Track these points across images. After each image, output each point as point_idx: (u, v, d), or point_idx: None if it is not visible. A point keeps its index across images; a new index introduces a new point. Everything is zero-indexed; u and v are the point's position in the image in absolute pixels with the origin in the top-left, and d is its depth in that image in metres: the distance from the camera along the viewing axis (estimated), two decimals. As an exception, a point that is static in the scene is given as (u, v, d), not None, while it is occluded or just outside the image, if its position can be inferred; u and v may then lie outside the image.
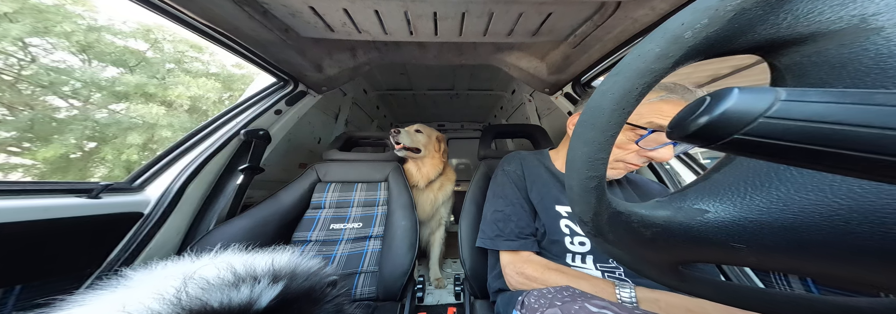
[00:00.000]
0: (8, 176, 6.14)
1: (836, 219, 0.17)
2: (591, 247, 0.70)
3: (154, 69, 7.53)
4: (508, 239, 0.73)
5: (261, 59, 1.09)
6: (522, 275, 0.68)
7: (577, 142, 0.23)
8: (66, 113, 6.54)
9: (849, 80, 0.18)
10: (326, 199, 1.24)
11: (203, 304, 0.37)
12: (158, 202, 0.88)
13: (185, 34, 1.74)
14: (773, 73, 0.23)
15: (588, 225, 0.26)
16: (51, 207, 0.66)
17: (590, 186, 0.23)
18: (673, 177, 1.06)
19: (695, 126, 0.15)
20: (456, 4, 0.86)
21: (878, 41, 0.17)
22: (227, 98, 8.55)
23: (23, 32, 6.17)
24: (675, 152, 0.68)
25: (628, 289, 0.56)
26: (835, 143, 0.13)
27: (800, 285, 0.69)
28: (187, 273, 0.42)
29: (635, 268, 0.29)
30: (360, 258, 1.07)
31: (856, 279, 0.20)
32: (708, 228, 0.21)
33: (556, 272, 0.64)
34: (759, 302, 0.27)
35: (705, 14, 0.19)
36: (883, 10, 0.18)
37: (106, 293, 0.42)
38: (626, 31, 0.92)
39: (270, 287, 0.42)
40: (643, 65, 0.20)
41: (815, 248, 0.18)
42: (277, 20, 0.96)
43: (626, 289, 0.56)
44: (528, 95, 2.16)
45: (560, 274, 0.64)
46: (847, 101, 0.13)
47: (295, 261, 0.52)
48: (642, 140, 0.65)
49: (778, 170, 0.20)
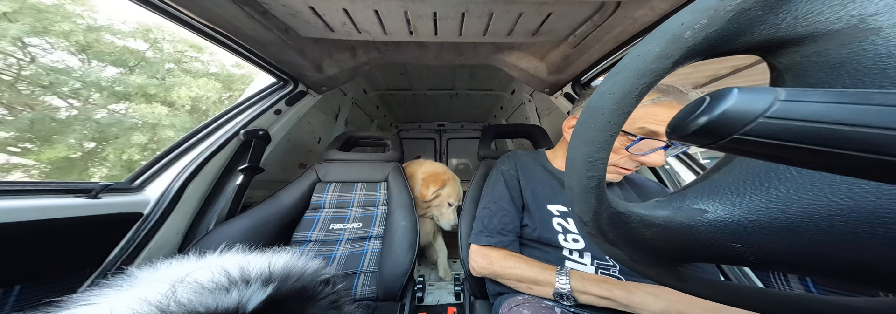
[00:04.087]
0: (7, 176, 6.13)
1: (835, 219, 0.17)
2: (585, 244, 0.72)
3: (154, 69, 7.53)
4: (488, 235, 0.77)
5: (261, 59, 1.09)
6: (486, 258, 0.74)
7: (576, 142, 0.23)
8: (66, 113, 6.53)
9: (848, 80, 0.18)
10: (326, 199, 1.24)
11: (188, 311, 0.37)
12: (158, 202, 0.88)
13: (185, 34, 1.74)
14: (772, 73, 0.23)
15: (588, 225, 0.26)
16: (50, 207, 0.66)
17: (590, 186, 0.23)
18: (672, 177, 1.06)
19: (694, 126, 0.15)
20: (456, 4, 0.86)
21: (876, 41, 0.18)
22: (226, 98, 8.55)
23: (22, 32, 6.16)
24: (667, 156, 0.69)
25: (564, 276, 0.62)
26: (834, 143, 0.13)
27: (799, 285, 0.69)
28: (178, 277, 0.42)
29: (635, 267, 0.29)
30: (360, 258, 1.07)
31: (855, 279, 0.20)
32: (707, 228, 0.21)
33: (515, 258, 0.71)
34: (759, 302, 0.27)
35: (705, 14, 0.19)
36: (882, 10, 0.18)
37: (103, 294, 0.42)
38: (626, 31, 0.92)
39: (260, 290, 0.42)
40: (643, 65, 0.20)
41: (815, 248, 0.18)
42: (277, 20, 0.96)
43: (563, 276, 0.62)
44: (527, 95, 2.16)
45: (517, 259, 0.70)
46: (846, 101, 0.13)
47: (290, 262, 0.52)
48: (632, 146, 0.66)
49: (777, 170, 0.20)
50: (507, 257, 0.72)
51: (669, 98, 0.64)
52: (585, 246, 0.71)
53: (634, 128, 0.65)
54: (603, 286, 0.58)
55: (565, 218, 0.76)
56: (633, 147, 0.66)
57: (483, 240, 0.77)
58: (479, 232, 0.79)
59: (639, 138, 0.64)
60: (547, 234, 0.74)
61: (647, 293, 0.55)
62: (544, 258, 0.73)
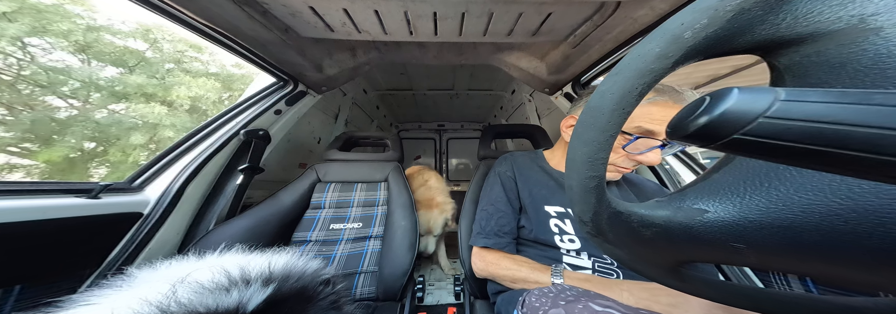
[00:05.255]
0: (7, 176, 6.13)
1: (835, 220, 0.17)
2: (581, 244, 0.72)
3: (153, 69, 7.53)
4: (485, 236, 0.78)
5: (261, 59, 1.09)
6: (483, 260, 0.76)
7: (576, 142, 0.23)
8: (66, 113, 6.53)
9: (848, 80, 0.18)
10: (326, 199, 1.24)
11: (188, 311, 0.37)
12: (158, 202, 0.88)
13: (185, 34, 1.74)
14: (772, 73, 0.23)
15: (588, 225, 0.26)
16: (50, 207, 0.65)
17: (590, 186, 0.23)
18: (672, 177, 1.06)
19: (694, 126, 0.15)
20: (456, 4, 0.86)
21: (877, 41, 0.17)
22: (226, 98, 8.54)
23: (21, 32, 6.16)
24: (663, 155, 0.69)
25: (559, 278, 0.62)
26: (834, 143, 0.13)
27: (799, 285, 0.69)
28: (179, 277, 0.42)
29: (635, 267, 0.29)
30: (360, 258, 1.07)
31: (855, 279, 0.20)
32: (707, 228, 0.21)
33: (509, 260, 0.73)
34: (759, 302, 0.27)
35: (705, 14, 0.19)
36: (882, 10, 0.18)
37: (103, 295, 0.42)
38: (626, 31, 0.92)
39: (261, 290, 0.42)
40: (643, 65, 0.20)
41: (815, 248, 0.18)
42: (277, 20, 0.96)
43: (558, 278, 0.62)
44: (527, 95, 2.16)
45: (512, 261, 0.72)
46: (846, 101, 0.13)
47: (291, 263, 0.52)
48: (629, 145, 0.67)
49: (777, 170, 0.20)
50: (503, 259, 0.74)
51: (665, 97, 0.65)
52: (581, 246, 0.72)
53: (631, 127, 0.65)
54: (586, 286, 0.58)
55: (562, 219, 0.76)
56: (629, 146, 0.67)
57: (480, 241, 0.78)
58: (476, 234, 0.81)
59: (635, 137, 0.65)
60: (544, 235, 0.75)
61: (622, 290, 0.56)
62: (543, 256, 0.74)
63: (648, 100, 0.66)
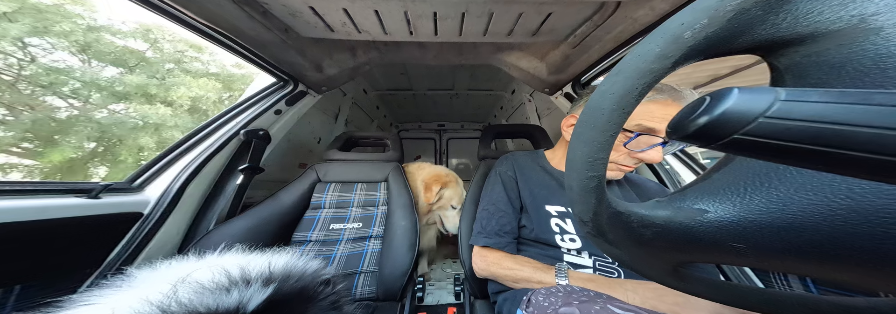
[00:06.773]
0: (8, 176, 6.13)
1: (835, 220, 0.17)
2: (582, 244, 0.72)
3: (154, 69, 7.53)
4: (486, 236, 0.78)
5: (261, 59, 1.09)
6: (484, 260, 0.76)
7: (576, 141, 0.23)
8: (66, 113, 6.53)
9: (848, 80, 0.18)
10: (326, 199, 1.24)
11: (189, 311, 0.37)
12: (158, 202, 0.88)
13: (185, 34, 1.74)
14: (772, 73, 0.23)
15: (588, 225, 0.26)
16: (50, 207, 0.65)
17: (590, 186, 0.23)
18: (673, 177, 1.06)
19: (695, 126, 0.15)
20: (456, 4, 0.86)
21: (877, 41, 0.17)
22: (226, 98, 8.55)
23: (22, 32, 6.16)
24: (665, 153, 0.69)
25: (563, 278, 0.62)
26: (834, 143, 0.13)
27: (799, 285, 0.69)
28: (179, 277, 0.42)
29: (635, 267, 0.29)
30: (360, 258, 1.07)
31: (855, 279, 0.20)
32: (708, 228, 0.21)
33: (511, 260, 0.72)
34: (759, 301, 0.27)
35: (705, 14, 0.19)
36: (882, 10, 0.18)
37: (104, 294, 0.42)
38: (626, 31, 0.92)
39: (261, 290, 0.42)
40: (643, 65, 0.20)
41: (815, 248, 0.18)
42: (277, 20, 0.96)
43: (563, 279, 0.61)
44: (528, 95, 2.16)
45: (513, 261, 0.72)
46: (846, 101, 0.13)
47: (291, 263, 0.52)
48: (630, 142, 0.67)
49: (777, 170, 0.20)
50: (504, 258, 0.73)
51: (665, 95, 0.66)
52: (582, 245, 0.72)
53: (631, 125, 0.66)
54: (590, 286, 0.58)
55: (563, 218, 0.76)
56: (630, 143, 0.67)
57: (481, 241, 0.78)
58: (477, 233, 0.81)
59: (636, 134, 0.65)
60: (544, 235, 0.75)
61: (627, 290, 0.56)
62: (544, 255, 0.74)
63: (648, 98, 0.66)
